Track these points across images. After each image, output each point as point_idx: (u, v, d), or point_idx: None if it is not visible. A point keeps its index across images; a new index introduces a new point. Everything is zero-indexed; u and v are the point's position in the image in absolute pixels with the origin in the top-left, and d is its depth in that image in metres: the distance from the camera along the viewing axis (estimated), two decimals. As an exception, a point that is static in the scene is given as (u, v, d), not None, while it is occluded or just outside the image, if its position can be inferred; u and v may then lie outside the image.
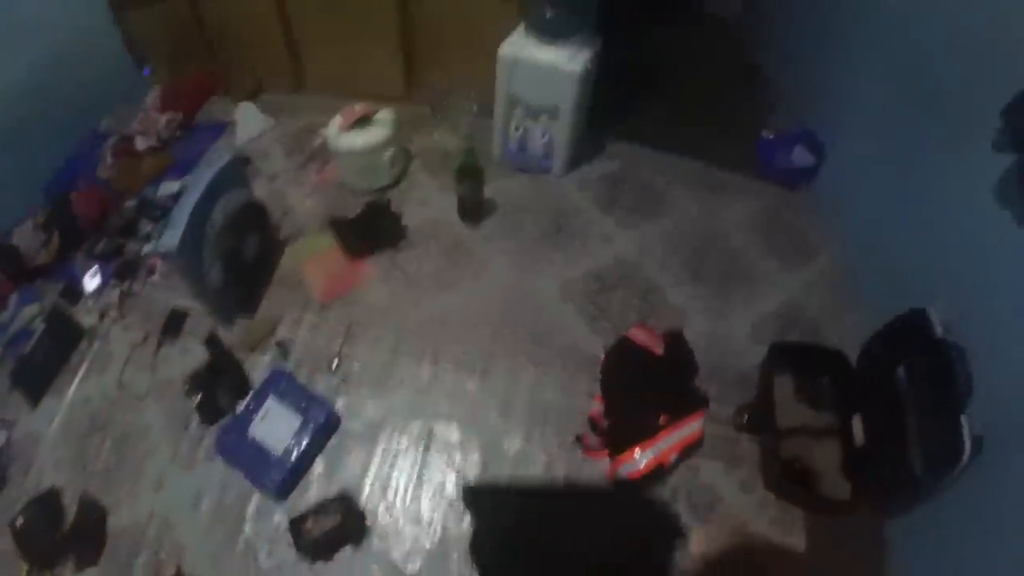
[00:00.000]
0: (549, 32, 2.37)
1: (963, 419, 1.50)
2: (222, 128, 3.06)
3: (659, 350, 2.14)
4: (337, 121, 2.59)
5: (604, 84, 2.55)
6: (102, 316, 2.33)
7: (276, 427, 1.94)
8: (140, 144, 2.90)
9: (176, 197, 2.60)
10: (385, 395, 2.10)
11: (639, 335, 2.17)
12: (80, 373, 2.19)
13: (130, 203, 2.64)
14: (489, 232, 2.55)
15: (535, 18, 2.37)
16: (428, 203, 2.67)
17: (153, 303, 2.35)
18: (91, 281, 2.41)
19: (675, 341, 2.20)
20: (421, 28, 2.82)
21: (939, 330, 1.68)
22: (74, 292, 2.41)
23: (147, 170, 2.81)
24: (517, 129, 2.63)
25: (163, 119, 2.96)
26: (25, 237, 2.46)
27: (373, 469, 1.95)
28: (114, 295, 2.38)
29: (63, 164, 2.83)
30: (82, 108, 2.93)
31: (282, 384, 2.04)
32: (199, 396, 2.06)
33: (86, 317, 2.33)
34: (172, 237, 1.93)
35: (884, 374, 1.85)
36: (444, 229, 2.56)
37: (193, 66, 3.15)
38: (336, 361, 2.17)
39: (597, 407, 2.05)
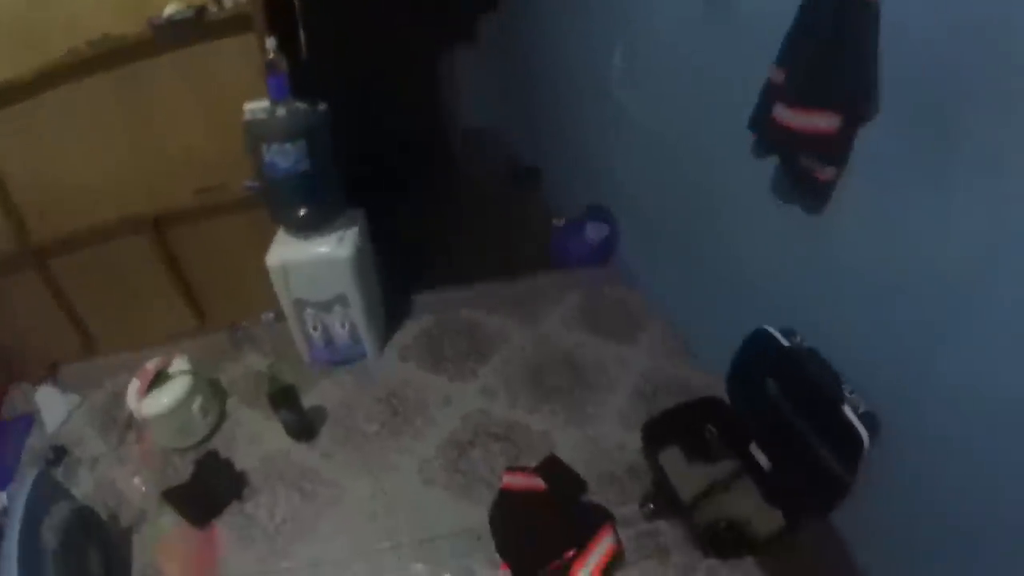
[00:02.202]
0: (307, 228, 2.32)
1: (845, 408, 1.55)
2: (28, 421, 2.78)
3: (540, 485, 2.03)
4: (134, 387, 2.37)
5: (387, 248, 2.55)
6: None
7: None
8: None
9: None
10: None
11: (515, 480, 2.06)
12: None
13: None
14: (327, 445, 2.37)
15: (288, 220, 2.33)
16: (258, 438, 2.46)
17: None
18: None
19: (552, 469, 2.10)
20: (189, 263, 2.80)
21: (783, 341, 1.77)
22: None
23: None
24: (315, 329, 2.52)
25: None
26: None
27: None
28: None
29: None
30: None
31: None
32: None
33: None
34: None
35: (757, 396, 1.87)
36: (283, 461, 2.35)
37: None
38: None
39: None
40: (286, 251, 2.34)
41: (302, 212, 2.28)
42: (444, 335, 2.69)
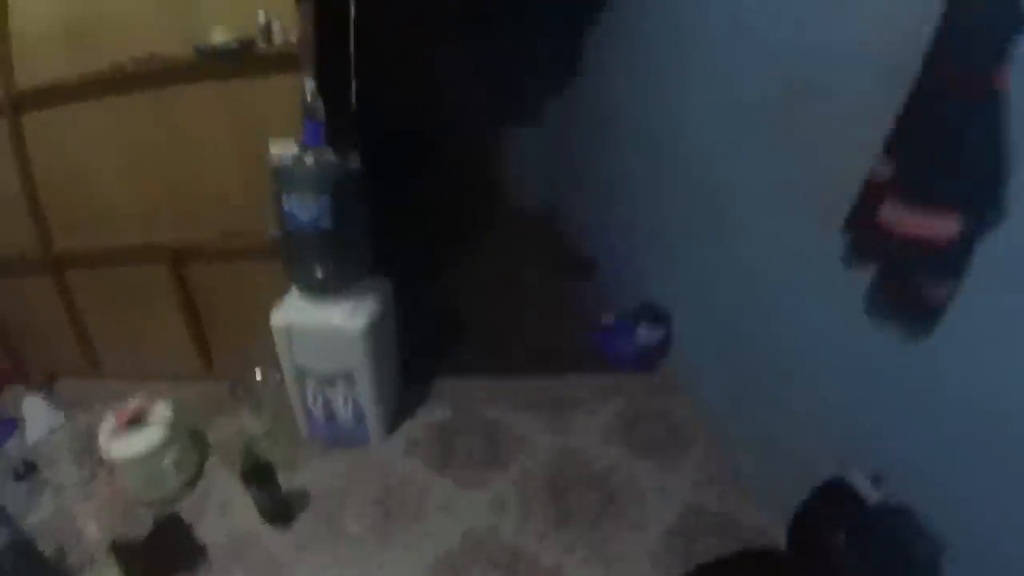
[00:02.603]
0: (321, 291, 2.08)
1: None
2: (12, 426, 2.68)
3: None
4: (109, 424, 2.16)
5: (414, 326, 2.30)
6: None
7: None
8: None
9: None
10: None
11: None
12: None
13: None
14: (302, 536, 2.05)
15: (301, 279, 2.09)
16: (229, 509, 2.17)
17: None
18: None
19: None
20: (204, 303, 2.70)
21: (866, 495, 1.42)
22: None
23: None
24: (315, 402, 2.24)
25: None
26: None
27: None
28: None
29: None
30: None
31: None
32: None
33: None
34: None
35: (826, 556, 1.48)
36: (250, 542, 2.05)
37: None
38: None
39: None
40: (294, 312, 2.11)
41: (318, 273, 2.04)
42: (460, 432, 2.37)
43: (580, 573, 1.85)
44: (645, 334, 2.55)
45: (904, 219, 1.25)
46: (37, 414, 2.69)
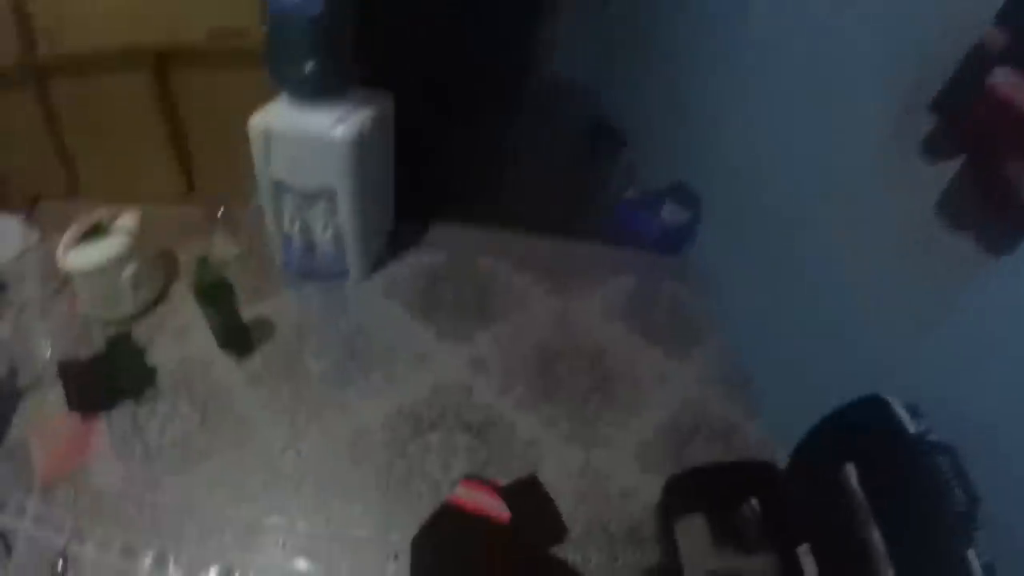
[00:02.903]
0: (309, 92, 1.80)
1: (970, 553, 0.96)
2: None
3: (502, 514, 1.47)
4: (67, 234, 1.95)
5: (424, 158, 2.08)
6: None
7: None
8: None
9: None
10: None
11: (470, 496, 1.50)
12: None
13: None
14: (259, 369, 1.86)
15: (285, 77, 1.81)
16: (187, 334, 1.98)
17: None
18: None
19: (526, 496, 1.53)
20: (188, 118, 2.53)
21: (910, 424, 1.13)
22: None
23: None
24: (293, 224, 1.99)
25: None
26: None
27: None
28: None
29: None
30: None
31: None
32: None
33: None
34: None
35: (830, 484, 1.27)
36: (201, 371, 1.87)
37: None
38: (61, 565, 1.50)
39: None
40: (276, 115, 1.83)
41: (303, 69, 1.75)
42: (449, 279, 2.13)
43: (556, 451, 1.65)
44: (670, 212, 2.31)
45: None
46: (9, 233, 2.54)
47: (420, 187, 2.28)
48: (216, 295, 1.75)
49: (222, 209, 2.34)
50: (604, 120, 3.17)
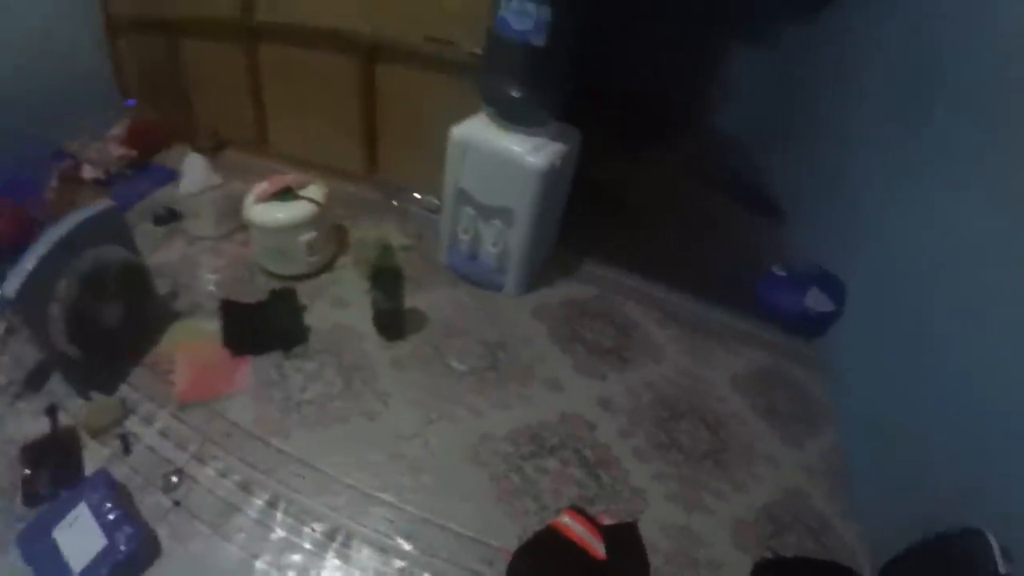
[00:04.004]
0: (513, 116, 1.94)
1: None
2: (168, 175, 2.84)
3: (599, 551, 1.54)
4: (258, 189, 2.16)
5: (584, 193, 2.14)
6: None
7: (81, 540, 1.50)
8: (87, 173, 2.74)
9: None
10: (217, 544, 1.56)
11: (573, 525, 1.57)
12: None
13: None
14: (405, 355, 2.01)
15: (494, 97, 1.94)
16: (345, 305, 2.16)
17: (32, 349, 1.95)
18: None
19: (624, 539, 1.59)
20: (384, 106, 2.61)
21: (1001, 566, 1.16)
22: None
23: (83, 201, 2.48)
24: (466, 233, 2.14)
25: (117, 154, 2.80)
26: None
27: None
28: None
29: (8, 176, 2.60)
30: (46, 122, 2.70)
31: (101, 490, 1.58)
32: (26, 471, 1.67)
33: None
34: (12, 284, 1.64)
35: None
36: (352, 342, 2.03)
37: (165, 107, 3.07)
38: (175, 480, 1.68)
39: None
40: (477, 130, 1.97)
41: (514, 94, 1.88)
42: (594, 317, 2.22)
43: (660, 506, 1.70)
44: (815, 300, 2.30)
45: None
46: (196, 171, 2.81)
47: (580, 224, 2.37)
48: (389, 280, 1.90)
49: (397, 199, 2.52)
50: (758, 185, 3.16)
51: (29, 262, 1.67)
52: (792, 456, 1.90)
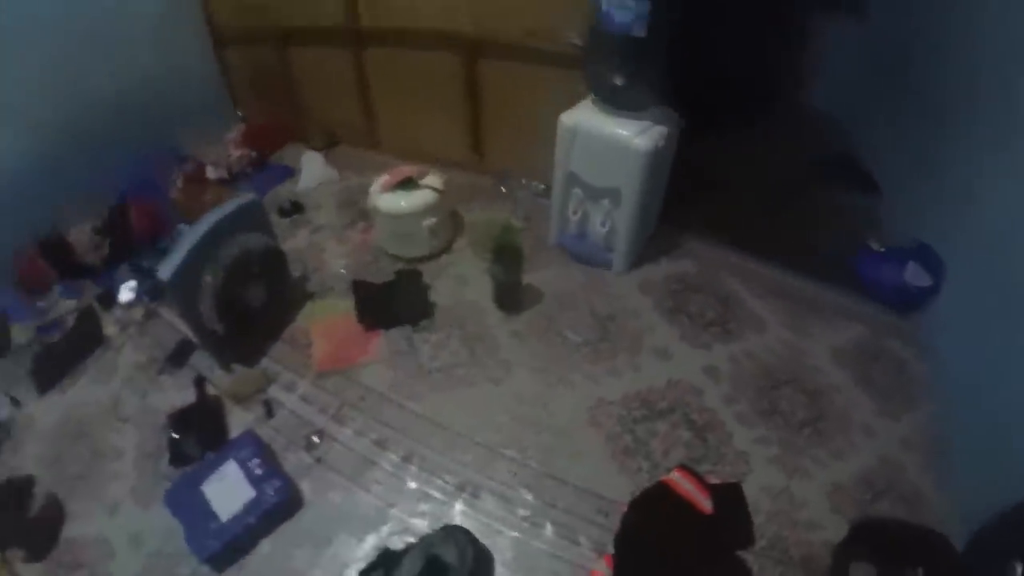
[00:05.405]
0: (617, 102, 2.06)
1: None
2: (287, 172, 3.13)
3: (706, 506, 1.67)
4: (382, 180, 2.37)
5: (681, 172, 2.22)
6: (124, 329, 2.36)
7: (229, 492, 1.71)
8: (210, 173, 3.02)
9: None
10: (355, 493, 1.77)
11: (683, 482, 1.70)
12: (86, 378, 2.21)
13: (183, 227, 2.61)
14: (523, 327, 2.18)
15: (600, 86, 2.07)
16: (465, 283, 2.36)
17: (170, 330, 2.31)
18: (125, 293, 2.46)
19: (729, 497, 1.71)
20: (489, 98, 2.73)
21: None
22: (110, 299, 2.47)
23: (209, 200, 2.79)
24: (575, 213, 2.28)
25: (236, 154, 3.07)
26: (81, 237, 2.59)
27: (317, 573, 1.61)
28: (139, 313, 2.40)
29: (135, 176, 2.88)
30: (165, 128, 3.03)
31: (248, 448, 1.81)
32: (174, 435, 1.91)
33: (110, 326, 2.37)
34: (167, 268, 1.87)
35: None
36: (474, 316, 2.22)
37: (277, 109, 3.33)
38: (316, 439, 1.90)
39: (603, 570, 1.56)
40: (584, 116, 2.10)
41: (618, 82, 1.99)
42: (697, 290, 2.33)
43: (763, 469, 1.80)
44: (913, 275, 2.30)
45: None
46: (314, 167, 3.07)
47: (678, 200, 2.47)
48: (510, 256, 2.06)
49: (504, 185, 2.68)
50: (853, 160, 3.13)
51: (182, 250, 1.88)
52: (888, 427, 1.95)
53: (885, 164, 2.89)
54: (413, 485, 1.78)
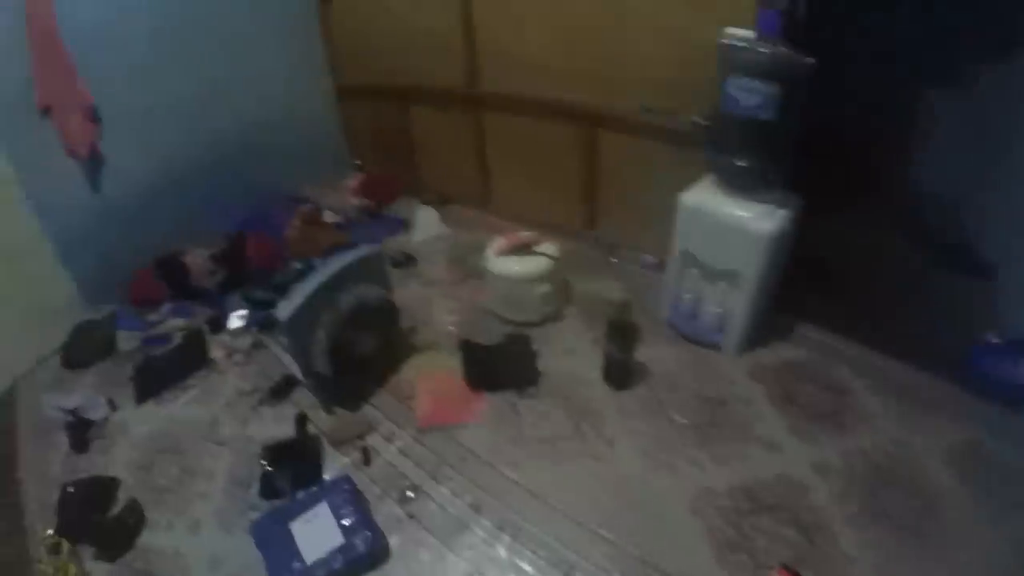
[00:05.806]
0: (739, 184, 2.07)
1: None
2: (399, 224, 3.27)
3: (808, 611, 1.62)
4: (497, 243, 2.44)
5: (796, 254, 2.20)
6: (230, 355, 2.51)
7: (317, 535, 1.77)
8: (327, 218, 3.24)
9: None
10: (445, 555, 1.80)
11: (785, 583, 1.67)
12: (187, 396, 2.37)
13: (297, 266, 2.74)
14: (630, 404, 2.18)
15: (722, 167, 2.09)
16: (573, 354, 2.38)
17: (276, 363, 2.44)
18: (235, 320, 2.65)
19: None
20: (605, 170, 2.79)
21: None
22: (219, 324, 2.66)
23: (324, 242, 2.98)
24: (689, 293, 2.28)
25: (354, 202, 3.26)
26: (197, 261, 2.84)
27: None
28: (247, 341, 2.56)
29: (254, 212, 3.16)
30: (284, 170, 3.32)
31: (342, 493, 1.88)
32: (268, 467, 2.01)
33: (217, 350, 2.53)
34: (286, 308, 1.98)
35: None
36: (580, 388, 2.24)
37: (393, 163, 3.52)
38: (411, 494, 1.95)
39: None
40: (706, 197, 2.12)
41: (741, 163, 2.01)
42: (808, 381, 2.27)
43: (875, 573, 1.73)
44: None
45: None
46: (427, 221, 3.18)
47: (792, 286, 2.42)
48: (625, 334, 2.08)
49: (614, 255, 2.73)
50: (963, 244, 3.03)
51: (303, 292, 1.99)
52: (995, 536, 1.83)
53: (1000, 248, 2.80)
54: (504, 554, 1.79)
